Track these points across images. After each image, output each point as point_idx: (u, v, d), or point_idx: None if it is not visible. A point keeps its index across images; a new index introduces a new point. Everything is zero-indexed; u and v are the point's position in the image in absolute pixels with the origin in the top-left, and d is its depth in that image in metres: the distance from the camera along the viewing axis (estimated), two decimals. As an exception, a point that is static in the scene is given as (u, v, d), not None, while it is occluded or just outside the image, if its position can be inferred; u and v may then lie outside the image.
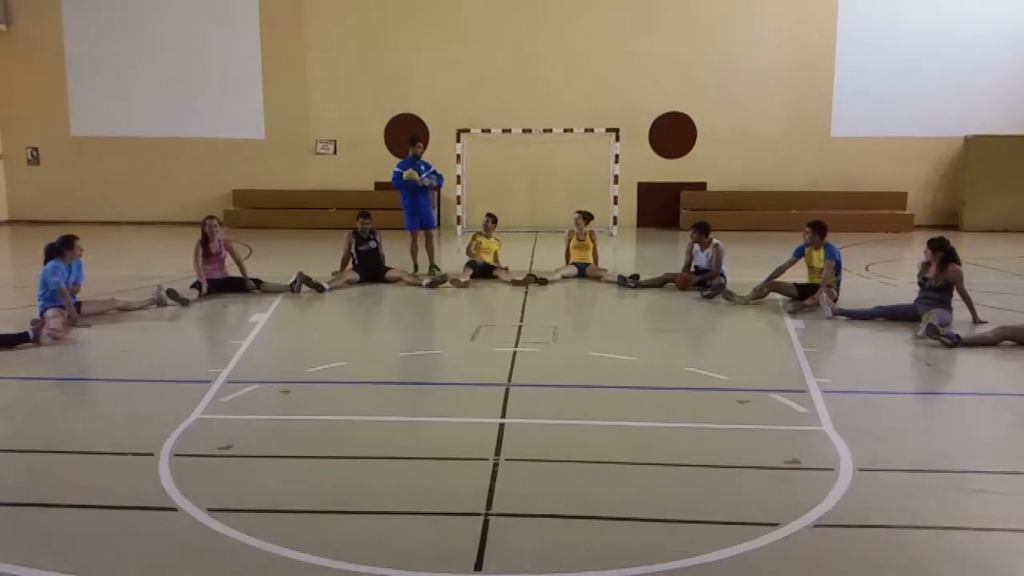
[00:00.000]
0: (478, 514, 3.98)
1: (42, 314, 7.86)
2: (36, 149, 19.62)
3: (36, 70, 19.16)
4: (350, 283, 10.62)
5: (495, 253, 11.44)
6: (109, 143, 19.31)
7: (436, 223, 12.65)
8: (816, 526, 3.89)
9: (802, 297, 9.20)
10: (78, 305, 8.35)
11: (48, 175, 19.53)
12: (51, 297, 8.04)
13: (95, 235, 15.11)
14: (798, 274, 9.53)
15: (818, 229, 9.34)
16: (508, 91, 18.59)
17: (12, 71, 19.23)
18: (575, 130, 17.65)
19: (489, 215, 11.68)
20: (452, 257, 13.44)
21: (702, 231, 10.30)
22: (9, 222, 19.46)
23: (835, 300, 8.91)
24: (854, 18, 18.39)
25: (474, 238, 11.52)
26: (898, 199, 18.58)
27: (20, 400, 5.99)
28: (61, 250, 8.24)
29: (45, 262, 8.20)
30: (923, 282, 8.41)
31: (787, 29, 18.55)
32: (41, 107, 19.29)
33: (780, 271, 9.54)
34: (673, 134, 18.94)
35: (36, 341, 7.38)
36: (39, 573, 3.46)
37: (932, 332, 7.45)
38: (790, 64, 18.63)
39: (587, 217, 11.54)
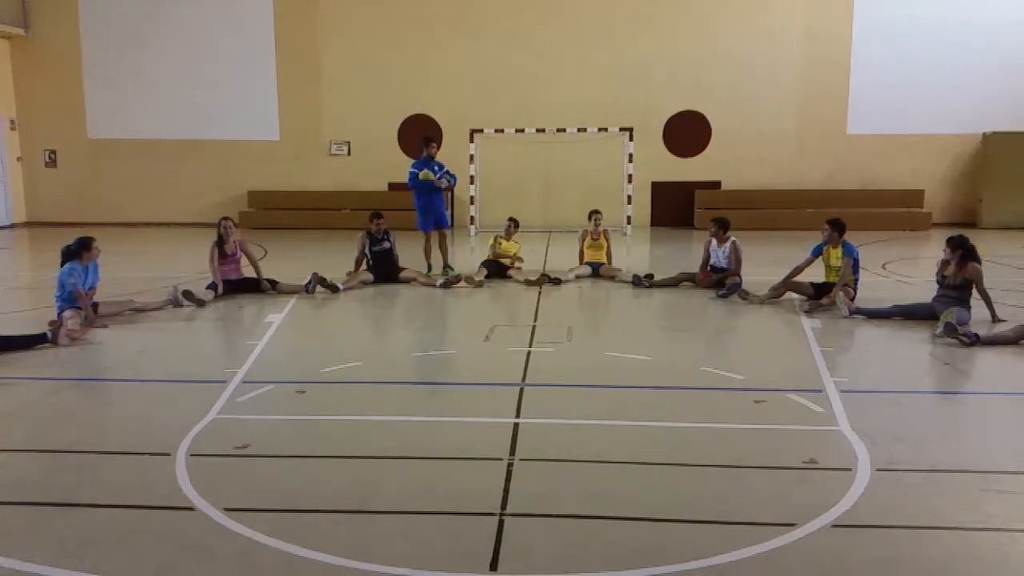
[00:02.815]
0: (493, 514, 3.98)
1: (60, 315, 7.92)
2: (53, 152, 19.77)
3: (53, 73, 19.32)
4: (364, 284, 10.65)
5: (514, 255, 11.45)
6: (126, 145, 19.44)
7: (450, 223, 12.65)
8: (834, 526, 3.86)
9: (819, 296, 9.13)
10: (95, 306, 8.41)
11: (65, 177, 19.68)
12: (68, 298, 8.10)
13: (111, 237, 15.20)
14: (814, 273, 9.47)
15: (837, 227, 9.26)
16: (521, 91, 18.56)
17: (30, 74, 19.38)
18: (588, 129, 17.60)
19: (511, 219, 11.70)
20: (466, 257, 13.45)
21: (721, 226, 10.24)
22: (27, 224, 19.63)
23: (852, 299, 8.85)
24: (870, 15, 18.23)
25: (495, 239, 11.53)
26: (915, 197, 18.40)
27: (38, 400, 6.04)
28: (78, 252, 8.30)
29: (62, 264, 8.26)
30: (941, 280, 8.33)
31: (802, 27, 18.42)
32: (58, 110, 19.44)
33: (798, 271, 9.48)
34: (687, 133, 18.85)
35: (54, 342, 7.44)
36: (57, 572, 3.49)
37: (950, 331, 7.38)
38: (805, 62, 18.50)
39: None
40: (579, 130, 17.63)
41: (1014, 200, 17.82)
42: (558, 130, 17.63)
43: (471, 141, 17.54)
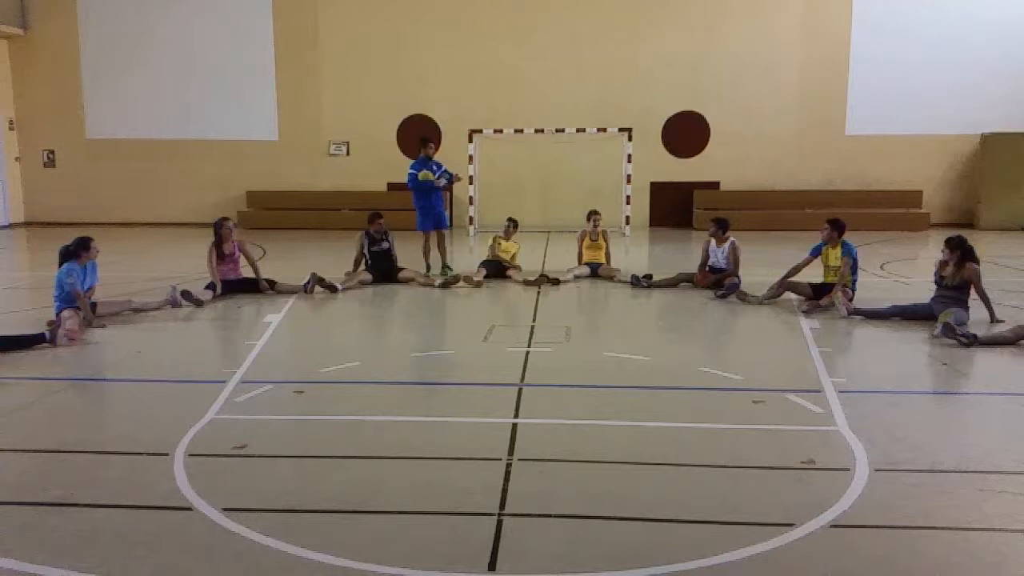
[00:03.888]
0: (491, 514, 3.98)
1: (58, 315, 7.91)
2: (52, 152, 19.77)
3: (52, 73, 19.32)
4: (363, 284, 10.65)
5: (513, 255, 11.46)
6: (124, 145, 19.44)
7: (449, 224, 12.66)
8: (832, 526, 3.86)
9: (817, 296, 9.14)
10: (93, 306, 8.40)
11: (64, 177, 19.67)
12: (67, 298, 8.09)
13: (110, 237, 15.21)
14: (813, 273, 9.47)
15: (836, 226, 9.27)
16: (520, 91, 18.57)
17: (28, 74, 19.39)
18: (587, 130, 17.62)
19: (510, 219, 11.71)
20: (464, 257, 13.44)
21: (720, 226, 10.25)
22: (25, 224, 19.62)
23: (850, 299, 8.85)
24: (868, 15, 18.25)
25: (495, 240, 11.54)
26: (914, 197, 18.43)
27: (36, 400, 6.03)
28: (77, 252, 8.30)
29: (60, 264, 8.26)
30: (940, 281, 8.34)
31: (801, 27, 18.44)
32: (57, 110, 19.44)
33: (795, 270, 9.48)
34: (686, 133, 18.86)
35: (52, 342, 7.43)
36: (55, 572, 3.48)
37: (949, 331, 7.38)
38: (804, 62, 18.51)
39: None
40: (578, 130, 17.64)
41: (1012, 201, 17.84)
42: (557, 130, 17.64)
43: (470, 141, 17.54)
